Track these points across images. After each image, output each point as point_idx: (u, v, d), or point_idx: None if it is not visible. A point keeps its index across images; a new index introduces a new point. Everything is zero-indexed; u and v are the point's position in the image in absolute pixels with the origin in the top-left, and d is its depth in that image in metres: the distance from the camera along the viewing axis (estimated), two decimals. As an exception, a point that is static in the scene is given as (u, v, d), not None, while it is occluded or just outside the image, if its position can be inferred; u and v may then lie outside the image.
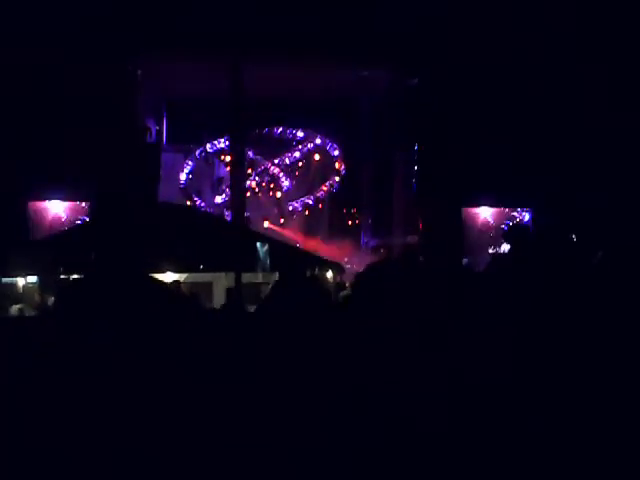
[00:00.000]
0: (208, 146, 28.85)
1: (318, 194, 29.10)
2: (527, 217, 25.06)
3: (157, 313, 5.25)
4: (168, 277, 14.99)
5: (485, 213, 25.03)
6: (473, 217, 24.94)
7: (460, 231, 24.54)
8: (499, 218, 24.93)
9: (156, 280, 5.91)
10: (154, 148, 26.45)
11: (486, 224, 24.81)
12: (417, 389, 4.72)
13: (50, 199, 23.45)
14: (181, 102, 25.94)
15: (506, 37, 21.20)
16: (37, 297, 15.17)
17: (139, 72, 23.37)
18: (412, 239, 25.15)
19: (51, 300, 14.52)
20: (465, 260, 22.04)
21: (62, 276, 15.22)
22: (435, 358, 4.86)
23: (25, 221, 23.08)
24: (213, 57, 21.47)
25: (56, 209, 23.58)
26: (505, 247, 24.86)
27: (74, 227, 21.99)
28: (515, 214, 25.14)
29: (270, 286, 8.62)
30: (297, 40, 21.58)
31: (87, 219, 23.12)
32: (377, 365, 4.87)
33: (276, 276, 15.39)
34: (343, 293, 17.06)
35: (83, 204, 23.72)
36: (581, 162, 21.74)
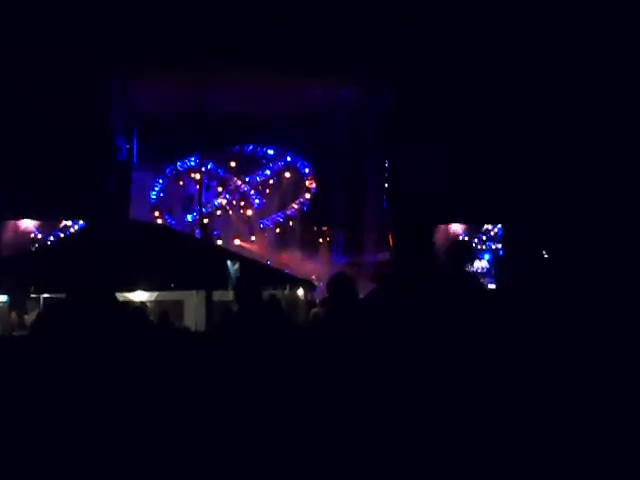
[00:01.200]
0: (178, 164, 28.86)
1: (289, 212, 29.14)
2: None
3: (128, 332, 5.26)
4: (139, 295, 14.91)
5: (457, 229, 25.12)
6: (445, 233, 25.04)
7: (431, 248, 24.64)
8: (472, 234, 25.04)
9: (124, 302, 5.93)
10: (125, 166, 26.38)
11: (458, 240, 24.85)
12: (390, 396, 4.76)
13: (21, 217, 23.34)
14: (151, 121, 25.86)
15: (478, 55, 21.37)
16: (14, 316, 15.03)
17: (110, 91, 23.33)
18: (383, 256, 25.21)
19: (25, 318, 14.44)
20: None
21: (32, 295, 15.12)
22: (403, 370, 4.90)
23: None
24: (182, 73, 21.53)
25: (27, 227, 23.48)
26: (479, 263, 25.01)
27: (45, 246, 21.87)
28: (489, 227, 25.23)
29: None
30: (267, 57, 21.62)
31: (58, 237, 23.03)
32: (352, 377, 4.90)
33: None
34: (314, 310, 17.08)
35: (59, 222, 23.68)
36: (552, 178, 21.91)
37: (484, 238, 25.20)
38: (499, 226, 25.30)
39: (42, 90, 20.97)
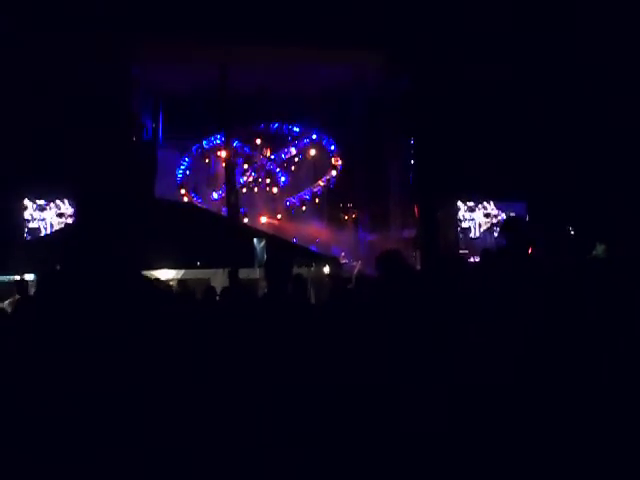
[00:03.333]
0: (204, 142, 28.89)
1: (315, 189, 29.11)
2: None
3: (151, 308, 5.26)
4: (165, 274, 14.98)
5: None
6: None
7: (456, 224, 24.62)
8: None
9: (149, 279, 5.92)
10: (150, 145, 26.40)
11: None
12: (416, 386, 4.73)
13: (47, 198, 23.43)
14: (177, 99, 25.87)
15: (498, 32, 21.21)
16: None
17: (135, 69, 23.31)
18: (409, 233, 25.15)
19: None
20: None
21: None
22: (433, 355, 4.86)
23: (21, 220, 23.12)
24: (205, 51, 21.49)
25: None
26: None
27: (71, 224, 21.98)
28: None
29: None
30: (290, 32, 21.50)
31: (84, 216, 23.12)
32: (375, 363, 4.88)
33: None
34: (349, 286, 16.98)
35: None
36: (576, 155, 21.74)
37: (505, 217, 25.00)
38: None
39: (65, 70, 20.95)
